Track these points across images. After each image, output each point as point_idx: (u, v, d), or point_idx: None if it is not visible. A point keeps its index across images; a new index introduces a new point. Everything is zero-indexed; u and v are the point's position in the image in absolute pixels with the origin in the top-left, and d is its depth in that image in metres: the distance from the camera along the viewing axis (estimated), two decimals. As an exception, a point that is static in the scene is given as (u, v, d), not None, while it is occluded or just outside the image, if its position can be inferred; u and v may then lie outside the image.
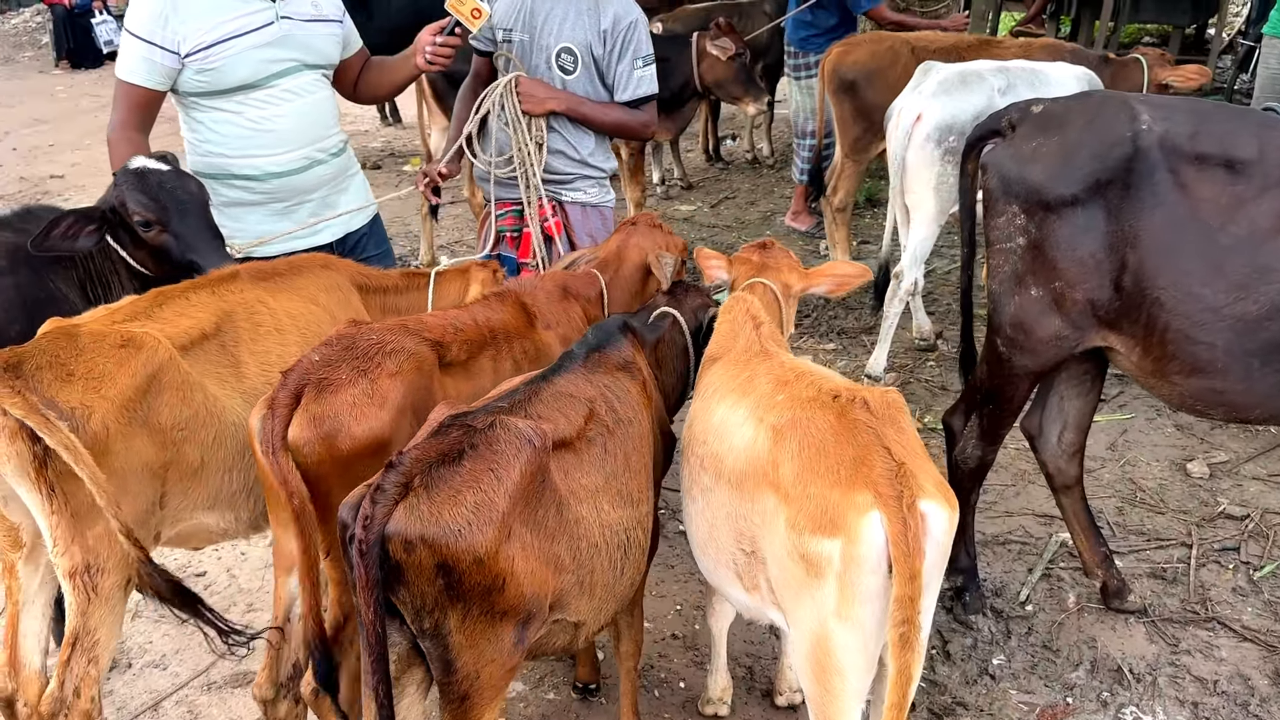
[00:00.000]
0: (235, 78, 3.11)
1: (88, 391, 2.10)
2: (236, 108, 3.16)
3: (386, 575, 1.75)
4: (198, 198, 2.94)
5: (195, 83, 3.10)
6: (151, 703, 3.01)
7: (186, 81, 3.11)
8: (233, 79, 3.11)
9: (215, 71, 3.08)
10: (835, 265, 2.86)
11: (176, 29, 3.02)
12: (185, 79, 3.10)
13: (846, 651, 1.93)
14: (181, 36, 3.02)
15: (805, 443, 1.98)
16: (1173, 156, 2.68)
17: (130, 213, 2.81)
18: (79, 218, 2.76)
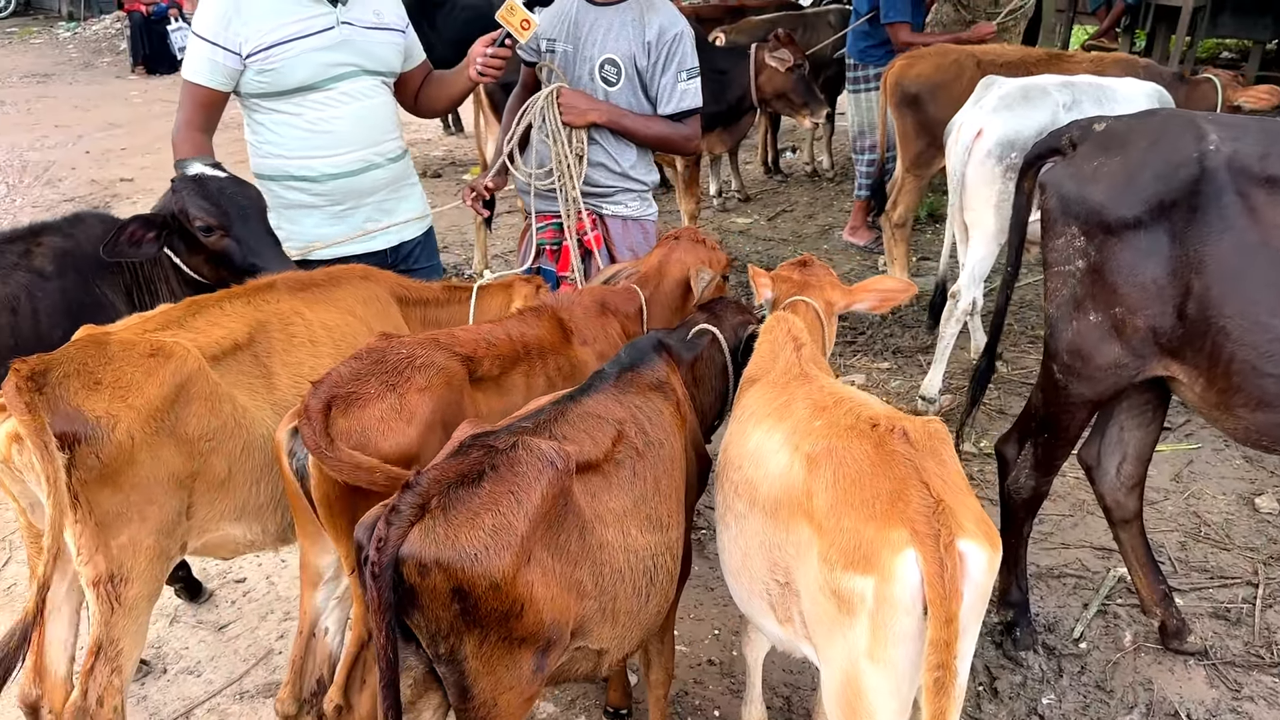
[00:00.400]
0: (294, 79, 3.16)
1: (114, 400, 2.09)
2: (295, 109, 3.21)
3: (400, 598, 1.71)
4: (256, 203, 2.98)
5: (256, 84, 3.16)
6: (184, 710, 3.01)
7: (248, 83, 3.16)
8: (291, 80, 3.16)
9: (274, 72, 3.13)
10: (879, 280, 2.78)
11: (239, 30, 3.08)
12: (247, 80, 3.16)
13: (878, 694, 1.84)
14: (243, 38, 3.08)
15: (841, 473, 1.89)
16: (1242, 178, 2.55)
17: (192, 218, 2.84)
18: (144, 223, 2.79)
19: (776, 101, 6.07)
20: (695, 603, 3.44)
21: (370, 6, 3.28)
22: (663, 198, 7.91)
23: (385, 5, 3.34)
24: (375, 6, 3.29)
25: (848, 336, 5.55)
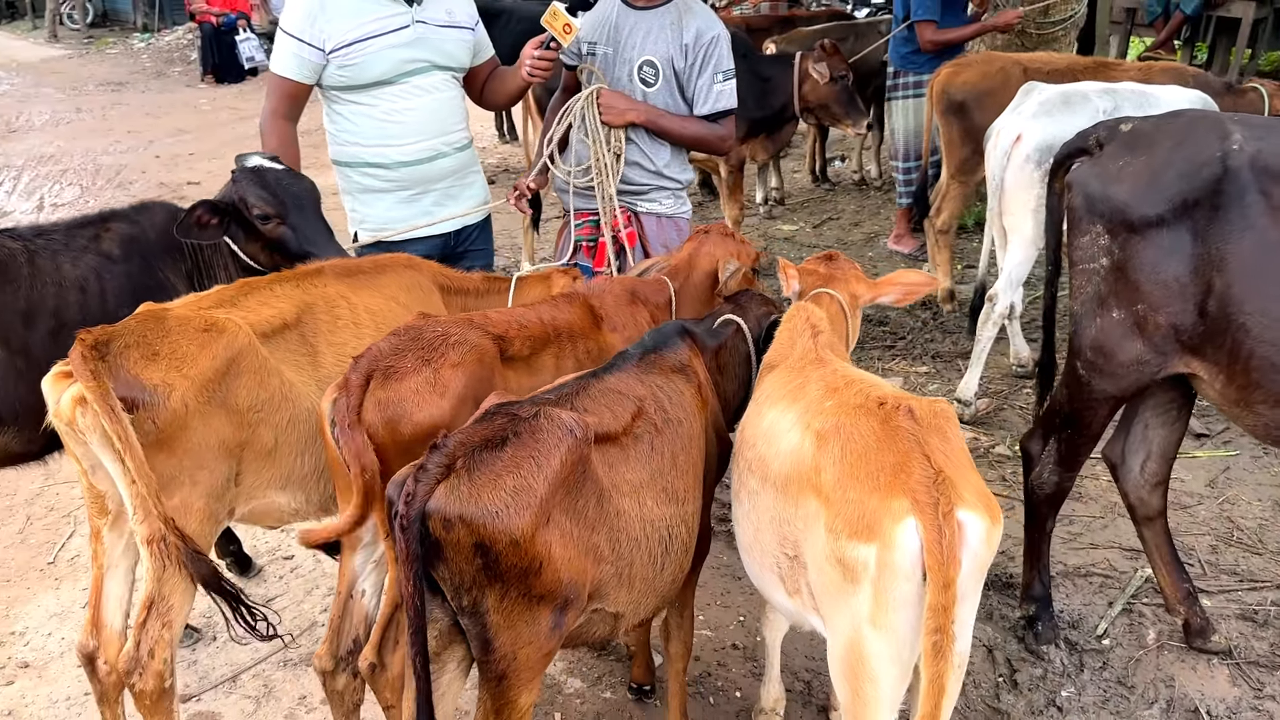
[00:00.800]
0: (372, 73, 3.37)
1: (170, 370, 2.24)
2: (372, 101, 3.42)
3: (427, 551, 1.83)
4: (311, 194, 3.17)
5: (337, 77, 3.38)
6: (231, 674, 3.16)
7: (330, 76, 3.38)
8: (369, 74, 3.37)
9: (354, 67, 3.35)
10: (903, 274, 2.85)
11: (323, 28, 3.30)
12: (329, 73, 3.38)
13: (879, 659, 1.91)
14: (327, 35, 3.30)
15: (848, 448, 1.98)
16: (1265, 178, 2.59)
17: (250, 206, 3.03)
18: (210, 208, 2.98)
19: (819, 111, 6.15)
20: (723, 590, 3.52)
21: (443, 6, 3.48)
22: (709, 204, 8.03)
23: (457, 4, 3.55)
24: (448, 6, 3.50)
25: (887, 341, 5.60)
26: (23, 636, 3.35)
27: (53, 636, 3.34)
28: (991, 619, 3.37)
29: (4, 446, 2.82)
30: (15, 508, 4.13)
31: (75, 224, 3.00)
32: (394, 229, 3.52)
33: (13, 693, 3.10)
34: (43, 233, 2.92)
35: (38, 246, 2.87)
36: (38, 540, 3.90)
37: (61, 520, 4.02)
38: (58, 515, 4.06)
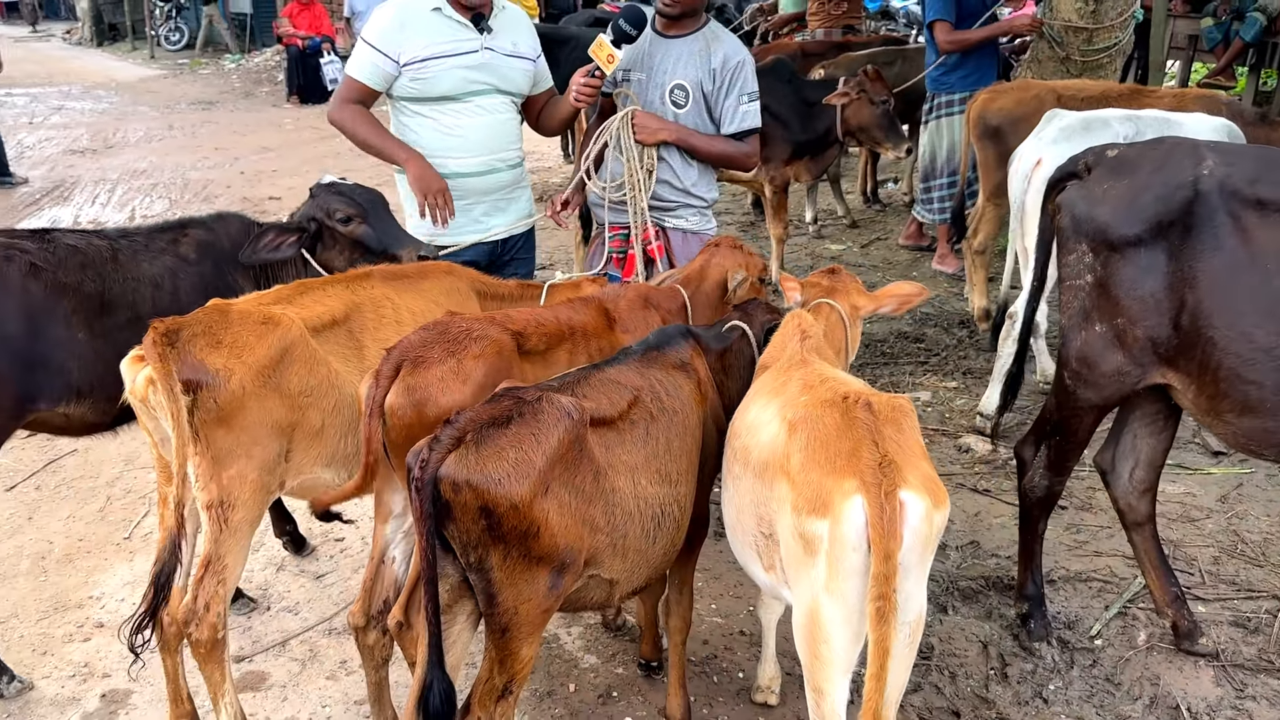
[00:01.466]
0: (439, 89, 3.74)
1: (231, 357, 2.57)
2: (436, 114, 3.78)
3: (438, 511, 2.11)
4: (381, 199, 3.57)
5: (408, 88, 3.75)
6: (281, 640, 3.49)
7: (401, 87, 3.76)
8: (437, 89, 3.74)
9: (425, 81, 3.71)
10: (897, 286, 3.08)
11: (401, 43, 3.68)
12: (400, 84, 3.75)
13: (833, 623, 2.15)
14: (403, 49, 3.68)
15: (812, 436, 2.22)
16: (1233, 201, 2.77)
17: (333, 211, 3.41)
18: (279, 231, 3.36)
19: (860, 134, 6.37)
20: (735, 582, 3.76)
21: (510, 37, 3.84)
22: (759, 222, 8.27)
23: (522, 37, 3.90)
24: (514, 38, 3.86)
25: (921, 356, 5.79)
26: (99, 601, 3.73)
27: (125, 602, 3.71)
28: (990, 617, 3.56)
29: (82, 416, 3.18)
30: (97, 488, 4.54)
31: (156, 228, 3.37)
32: (444, 233, 3.83)
33: (89, 648, 3.46)
34: (127, 234, 3.30)
35: (121, 246, 3.24)
36: (116, 518, 4.29)
37: (138, 501, 4.41)
38: (135, 497, 4.46)
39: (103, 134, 13.14)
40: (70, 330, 3.07)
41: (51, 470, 4.70)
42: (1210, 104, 5.35)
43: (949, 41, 6.53)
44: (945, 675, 3.27)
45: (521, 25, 3.96)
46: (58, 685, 3.28)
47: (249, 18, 20.84)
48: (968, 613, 3.58)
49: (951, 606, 3.61)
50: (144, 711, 3.17)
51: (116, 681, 3.29)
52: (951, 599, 3.65)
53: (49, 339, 3.03)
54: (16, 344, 2.97)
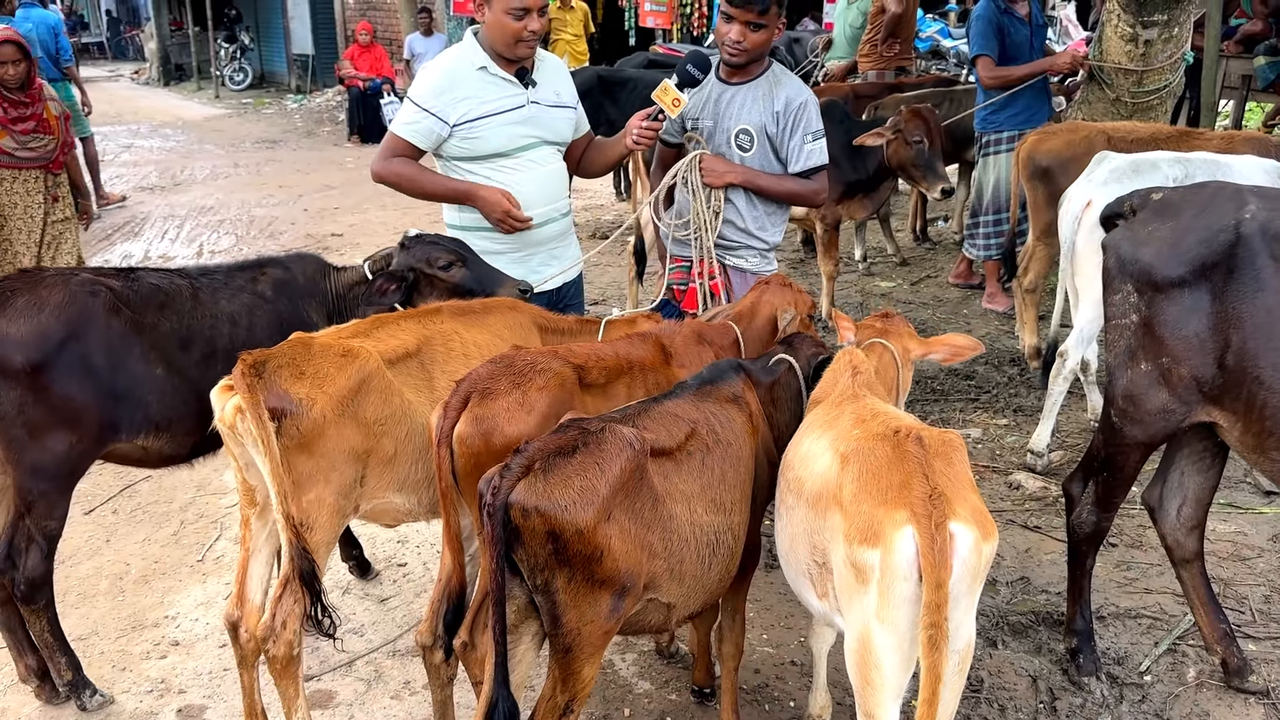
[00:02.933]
0: (490, 146, 3.79)
1: (313, 387, 2.73)
2: (489, 172, 3.83)
3: (508, 535, 2.24)
4: (467, 246, 3.67)
5: (458, 148, 3.81)
6: (347, 660, 3.63)
7: (451, 147, 3.81)
8: (488, 147, 3.79)
9: (476, 140, 3.77)
10: (952, 337, 3.17)
11: (450, 104, 3.74)
12: (450, 145, 3.80)
13: (884, 650, 2.24)
14: (452, 110, 3.74)
15: (864, 468, 2.33)
16: (1275, 243, 2.84)
17: (434, 259, 3.53)
18: (389, 278, 3.51)
19: (901, 171, 6.48)
20: (787, 614, 3.84)
21: (552, 87, 3.93)
22: (809, 259, 8.37)
23: (563, 86, 4.00)
24: (555, 88, 3.95)
25: (971, 394, 5.84)
26: (174, 620, 3.90)
27: (199, 621, 3.88)
28: (1040, 651, 3.60)
29: (159, 450, 3.36)
30: (171, 513, 4.74)
31: (236, 266, 3.56)
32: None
33: (165, 665, 3.63)
34: (207, 273, 3.49)
35: (201, 284, 3.43)
36: (189, 541, 4.48)
37: (210, 525, 4.60)
38: (207, 521, 4.65)
39: (170, 171, 13.62)
40: (150, 365, 3.25)
41: (127, 495, 4.91)
42: (1261, 146, 5.39)
43: (991, 78, 6.64)
44: (995, 708, 3.32)
45: (561, 74, 4.04)
46: (136, 700, 3.45)
47: (311, 58, 21.47)
48: (1017, 647, 3.63)
49: (1001, 641, 3.66)
50: (218, 726, 3.32)
51: (192, 697, 3.45)
52: (1001, 633, 3.70)
53: (130, 373, 3.21)
54: (100, 376, 3.15)
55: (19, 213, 6.22)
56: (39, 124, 6.17)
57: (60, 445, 3.07)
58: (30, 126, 6.13)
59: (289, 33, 22.26)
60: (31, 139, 6.14)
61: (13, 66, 5.92)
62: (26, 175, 6.19)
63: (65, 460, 3.10)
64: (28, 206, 6.23)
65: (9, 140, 6.05)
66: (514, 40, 3.69)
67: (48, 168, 6.25)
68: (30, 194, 6.22)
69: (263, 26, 23.84)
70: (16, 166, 6.14)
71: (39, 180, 6.25)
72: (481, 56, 3.75)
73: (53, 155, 6.25)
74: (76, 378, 3.06)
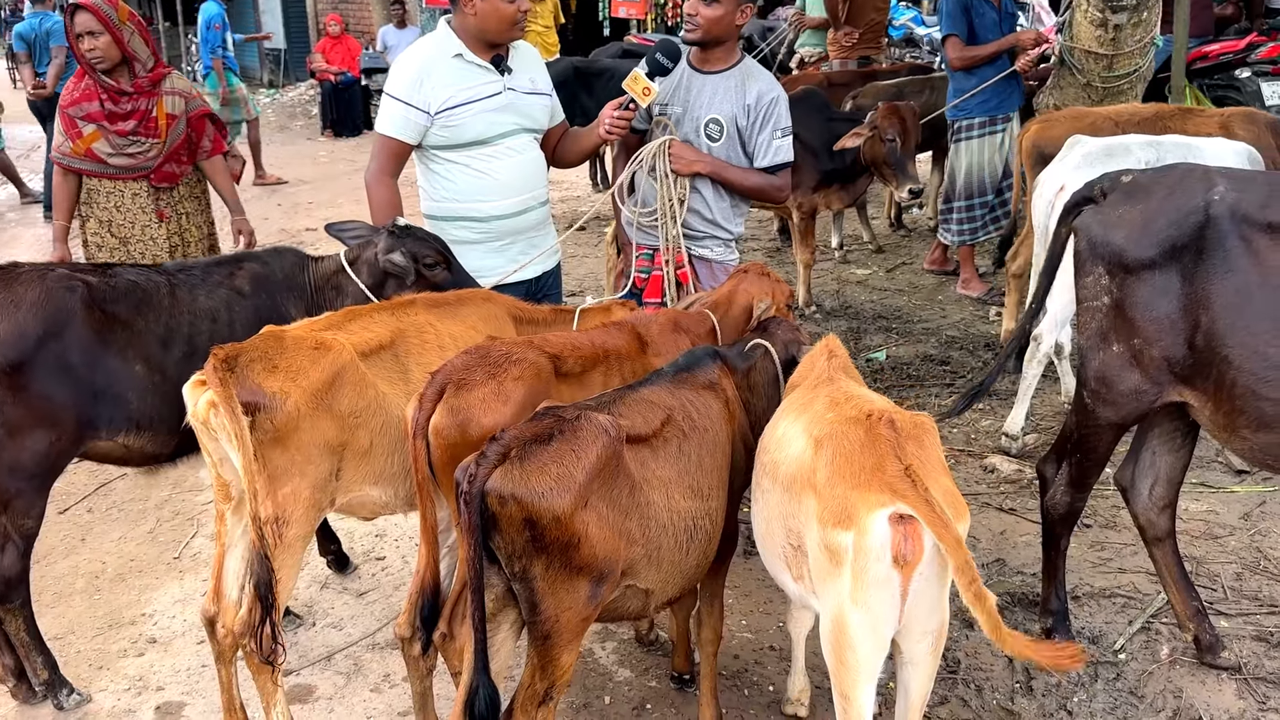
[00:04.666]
0: (470, 134, 3.79)
1: (286, 380, 2.71)
2: (467, 160, 3.83)
3: (485, 523, 2.24)
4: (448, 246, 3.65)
5: (438, 137, 3.80)
6: (326, 654, 3.62)
7: (431, 136, 3.80)
8: (467, 135, 3.78)
9: (455, 128, 3.76)
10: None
11: (428, 94, 3.73)
12: (431, 134, 3.79)
13: (858, 631, 2.25)
14: (431, 99, 3.73)
15: (837, 451, 2.34)
16: (1243, 224, 2.87)
17: (421, 257, 3.50)
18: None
19: (874, 168, 6.49)
20: (765, 600, 3.86)
21: (527, 75, 3.93)
22: (785, 249, 8.40)
23: (537, 74, 4.01)
24: (530, 75, 3.95)
25: (947, 379, 5.88)
26: (151, 618, 3.88)
27: (176, 618, 3.86)
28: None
29: (141, 448, 3.33)
30: (146, 511, 4.71)
31: (212, 262, 3.54)
32: (484, 276, 3.91)
33: (143, 663, 3.61)
34: (184, 269, 3.46)
35: (179, 280, 3.40)
36: (166, 539, 4.46)
37: (186, 523, 4.58)
38: (183, 519, 4.62)
39: (143, 168, 13.46)
40: (128, 363, 3.22)
41: (103, 493, 4.88)
42: (1255, 121, 5.47)
43: (959, 57, 6.67)
44: (972, 689, 3.35)
45: (535, 62, 4.04)
46: (114, 698, 3.43)
47: (283, 53, 21.29)
48: (993, 628, 3.65)
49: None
50: (197, 722, 3.31)
51: (170, 694, 3.44)
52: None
53: (108, 370, 3.19)
54: (77, 373, 3.12)
55: (136, 233, 4.88)
56: (142, 122, 4.73)
57: (39, 444, 3.04)
58: (130, 127, 4.71)
59: (261, 27, 22.07)
60: (131, 142, 4.74)
61: (91, 39, 4.56)
62: (134, 187, 4.82)
63: (44, 459, 3.07)
64: (145, 226, 4.88)
65: (103, 143, 4.72)
66: (510, 24, 3.71)
67: (149, 178, 4.81)
68: (144, 210, 4.85)
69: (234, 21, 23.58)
70: (113, 177, 4.79)
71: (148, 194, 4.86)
72: (457, 44, 3.74)
73: (155, 163, 4.78)
74: (54, 375, 3.03)
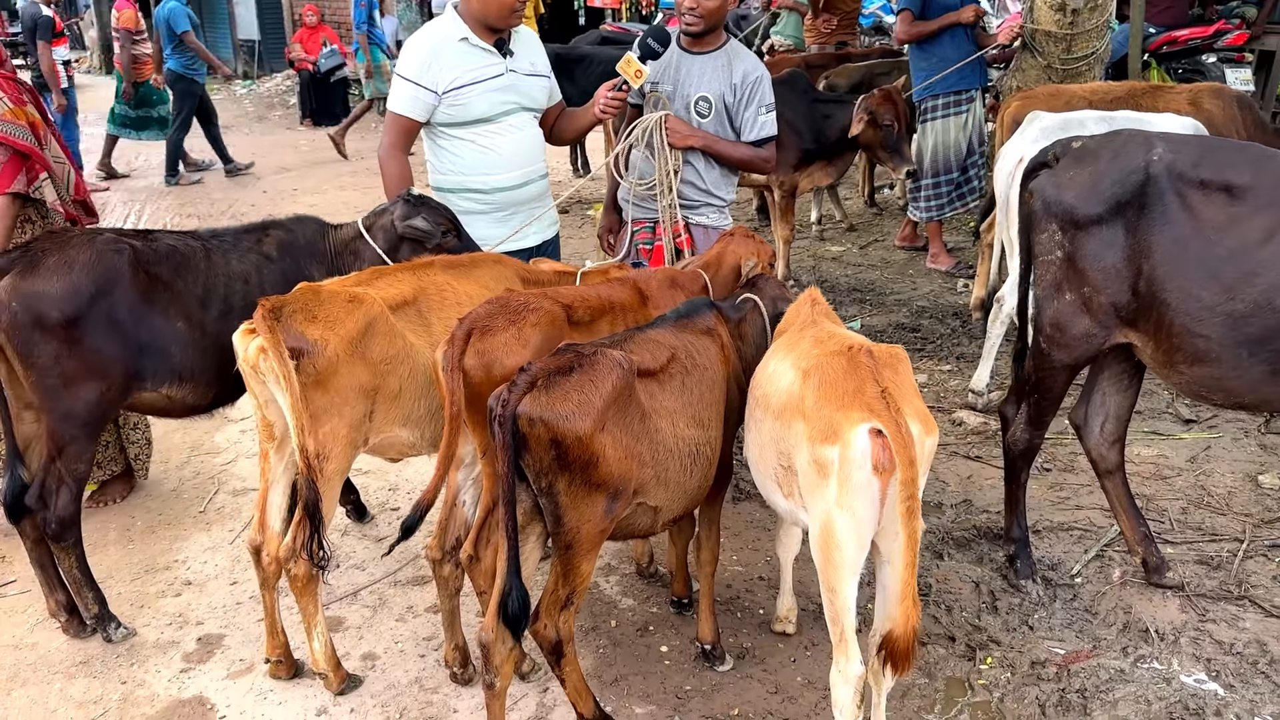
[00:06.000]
0: (474, 112, 4.07)
1: (325, 330, 3.01)
2: (473, 136, 4.12)
3: (516, 443, 2.56)
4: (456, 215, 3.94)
5: (446, 115, 4.08)
6: (352, 592, 3.93)
7: (439, 114, 4.08)
8: (473, 113, 4.07)
9: (461, 107, 4.04)
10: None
11: (436, 75, 4.01)
12: (439, 112, 4.07)
13: (844, 531, 2.58)
14: (439, 79, 4.01)
15: (823, 379, 2.67)
16: (1179, 182, 3.22)
17: (436, 223, 3.80)
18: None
19: (868, 151, 6.82)
20: (754, 539, 4.20)
21: (527, 58, 4.23)
22: (764, 227, 8.73)
23: (537, 56, 4.30)
24: (530, 58, 4.25)
25: (917, 344, 6.23)
26: (184, 564, 4.16)
27: (208, 564, 4.14)
28: (981, 562, 3.99)
29: (183, 399, 3.61)
30: (168, 473, 4.98)
31: (242, 230, 3.81)
32: (488, 244, 4.22)
33: (180, 601, 3.90)
34: (217, 235, 3.74)
35: (213, 246, 3.68)
36: (189, 496, 4.73)
37: (208, 481, 4.86)
38: (204, 478, 4.90)
39: (124, 158, 13.57)
40: (170, 320, 3.50)
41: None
42: (1222, 95, 5.86)
43: (905, 31, 6.98)
44: (942, 609, 3.70)
45: (534, 44, 4.33)
46: (157, 631, 3.71)
47: (258, 44, 21.38)
48: (961, 559, 4.02)
49: (947, 554, 4.05)
50: (237, 650, 3.59)
51: (210, 628, 3.73)
52: (947, 547, 4.08)
53: (153, 326, 3.46)
54: (125, 328, 3.40)
55: None
56: None
57: (91, 394, 3.32)
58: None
59: (234, 19, 22.13)
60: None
61: None
62: None
63: (95, 408, 3.35)
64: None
65: None
66: (509, 11, 4.00)
67: None
68: None
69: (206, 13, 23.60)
70: None
71: None
72: (463, 28, 4.02)
73: None
74: (105, 330, 3.31)
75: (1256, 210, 3.12)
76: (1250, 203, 3.13)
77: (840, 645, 2.66)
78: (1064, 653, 3.46)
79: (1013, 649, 3.48)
